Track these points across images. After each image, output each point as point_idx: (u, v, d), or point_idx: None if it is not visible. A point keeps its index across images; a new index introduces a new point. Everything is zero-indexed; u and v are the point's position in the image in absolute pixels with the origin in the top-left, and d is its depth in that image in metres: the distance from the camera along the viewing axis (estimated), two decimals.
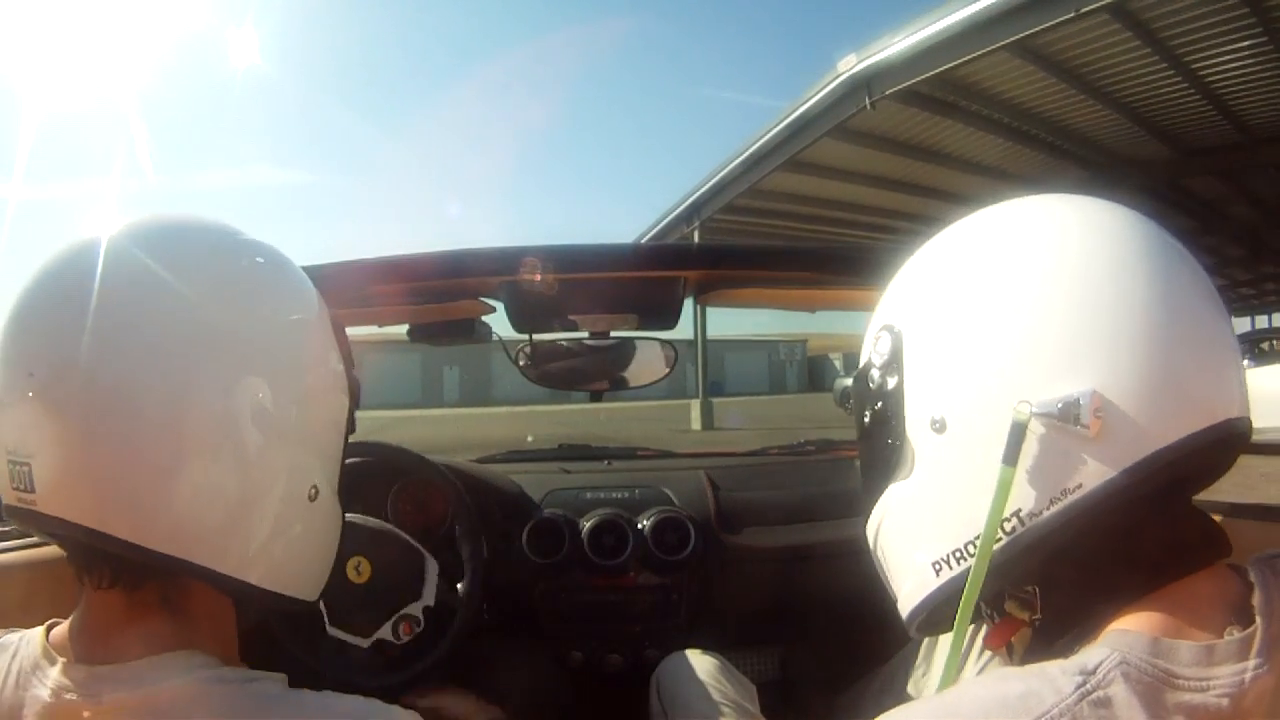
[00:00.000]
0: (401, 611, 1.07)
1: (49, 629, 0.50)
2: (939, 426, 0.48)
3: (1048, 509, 0.45)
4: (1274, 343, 8.99)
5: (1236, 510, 0.89)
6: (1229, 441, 0.45)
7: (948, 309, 0.50)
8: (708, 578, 1.30)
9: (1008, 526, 0.45)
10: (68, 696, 0.45)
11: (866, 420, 0.55)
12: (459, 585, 1.11)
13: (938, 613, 0.50)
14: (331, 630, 1.06)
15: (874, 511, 0.55)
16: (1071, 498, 0.44)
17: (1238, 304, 18.66)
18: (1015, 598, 0.51)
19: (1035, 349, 0.45)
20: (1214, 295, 0.47)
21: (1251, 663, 0.40)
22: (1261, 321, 18.10)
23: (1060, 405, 0.43)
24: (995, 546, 0.46)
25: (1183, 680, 0.40)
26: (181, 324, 0.46)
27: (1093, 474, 0.44)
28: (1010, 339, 0.46)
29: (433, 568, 1.10)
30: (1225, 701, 0.39)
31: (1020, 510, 0.45)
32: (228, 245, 0.53)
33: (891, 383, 0.52)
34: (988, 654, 0.79)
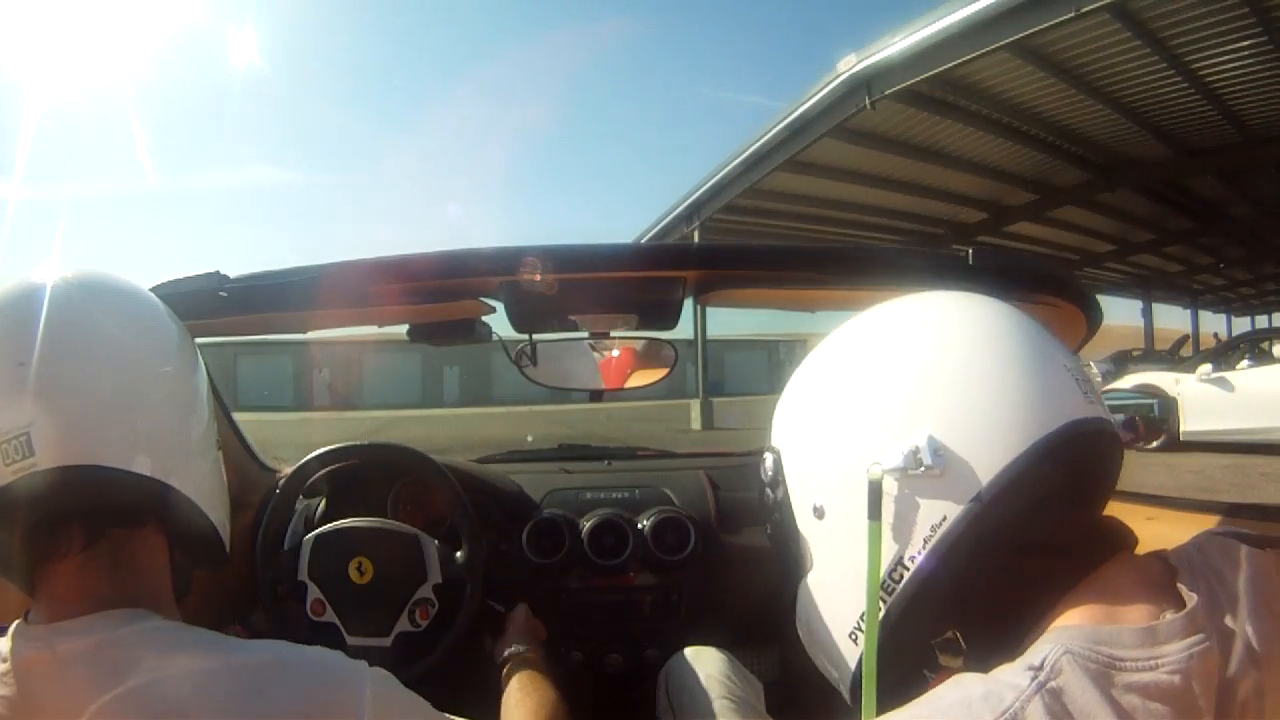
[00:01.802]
0: (414, 598, 1.08)
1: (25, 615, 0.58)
2: (819, 513, 0.55)
3: (923, 548, 0.49)
4: (1274, 343, 8.97)
5: (1236, 510, 0.89)
6: (1074, 441, 0.49)
7: (806, 414, 0.58)
8: (708, 578, 1.30)
9: (897, 575, 0.50)
10: (28, 650, 0.53)
11: (769, 532, 0.62)
12: (458, 554, 1.11)
13: (892, 639, 0.52)
14: (352, 641, 1.07)
15: (798, 614, 0.59)
16: (941, 531, 0.49)
17: (1237, 304, 18.67)
18: (943, 649, 0.54)
19: (874, 419, 0.52)
20: (1035, 337, 0.54)
21: (1198, 637, 0.42)
22: (1261, 321, 18.08)
23: (903, 456, 0.49)
24: (894, 595, 0.50)
25: (1129, 662, 0.42)
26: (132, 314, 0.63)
27: (952, 505, 0.49)
28: (853, 419, 0.53)
29: (430, 545, 1.10)
30: (1177, 678, 0.41)
31: (903, 557, 0.50)
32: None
33: (780, 493, 0.59)
34: None
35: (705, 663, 1.00)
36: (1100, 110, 7.44)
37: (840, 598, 0.54)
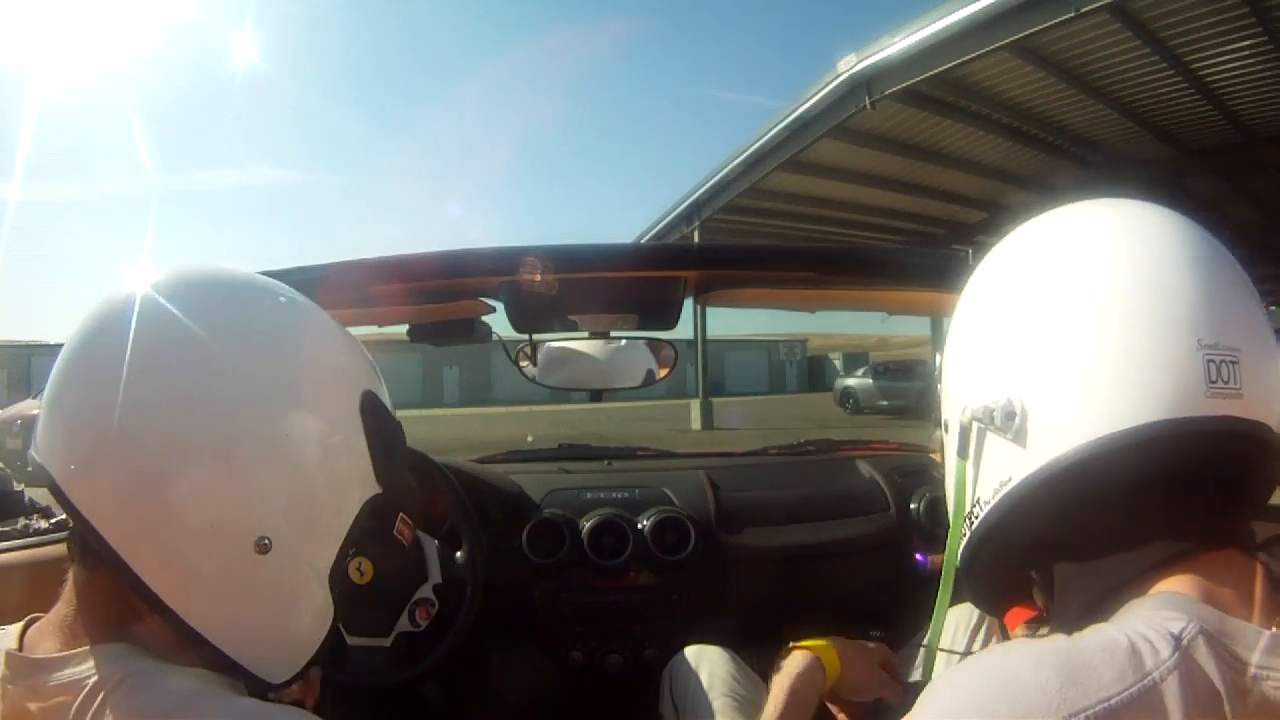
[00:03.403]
0: (414, 598, 1.08)
1: (29, 623, 0.53)
2: (946, 426, 0.57)
3: (993, 497, 0.51)
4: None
5: None
6: (1165, 441, 0.44)
7: (955, 331, 0.58)
8: (708, 578, 1.30)
9: (977, 510, 0.53)
10: (17, 687, 0.48)
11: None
12: (459, 554, 1.11)
13: (968, 567, 0.56)
14: (353, 641, 1.07)
15: None
16: (1007, 488, 0.50)
17: None
18: (1037, 584, 0.56)
19: (981, 362, 0.53)
20: (1169, 300, 0.46)
21: None
22: None
23: (983, 410, 0.50)
24: (969, 533, 0.54)
25: (1246, 665, 0.40)
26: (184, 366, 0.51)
27: (1020, 468, 0.49)
28: (967, 352, 0.54)
29: (431, 545, 1.10)
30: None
31: (980, 498, 0.52)
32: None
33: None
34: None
35: (709, 661, 1.00)
36: (1100, 110, 7.44)
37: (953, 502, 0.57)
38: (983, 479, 0.52)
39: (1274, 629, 0.41)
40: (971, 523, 0.53)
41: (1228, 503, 0.48)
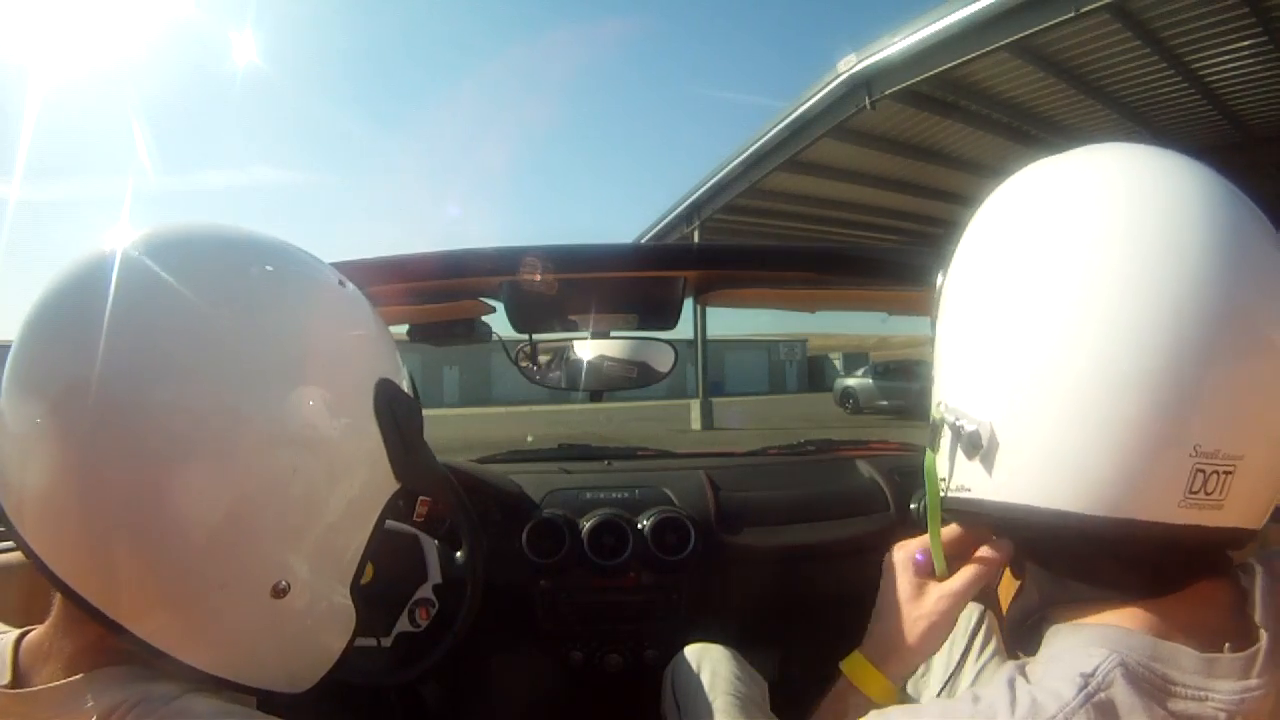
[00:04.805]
0: (414, 598, 1.08)
1: (22, 636, 0.50)
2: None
3: (954, 493, 0.51)
4: None
5: None
6: (1123, 542, 0.43)
7: (949, 302, 0.54)
8: (708, 578, 1.30)
9: (951, 488, 0.52)
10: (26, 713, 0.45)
11: None
12: (459, 554, 1.11)
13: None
14: None
15: None
16: (964, 494, 0.50)
17: None
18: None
19: (963, 358, 0.50)
20: (1161, 401, 0.41)
21: (1254, 682, 0.40)
22: None
23: (957, 419, 0.49)
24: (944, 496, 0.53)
25: (1179, 688, 0.40)
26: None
27: (979, 486, 0.48)
28: (958, 345, 0.51)
29: (430, 545, 1.10)
30: (1222, 715, 0.39)
31: (950, 482, 0.52)
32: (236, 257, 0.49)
33: None
34: (987, 653, 0.84)
35: (711, 660, 1.00)
36: (1100, 110, 7.45)
37: None
38: (951, 471, 0.52)
39: (1224, 648, 0.41)
40: (946, 493, 0.53)
41: (1200, 558, 0.45)
